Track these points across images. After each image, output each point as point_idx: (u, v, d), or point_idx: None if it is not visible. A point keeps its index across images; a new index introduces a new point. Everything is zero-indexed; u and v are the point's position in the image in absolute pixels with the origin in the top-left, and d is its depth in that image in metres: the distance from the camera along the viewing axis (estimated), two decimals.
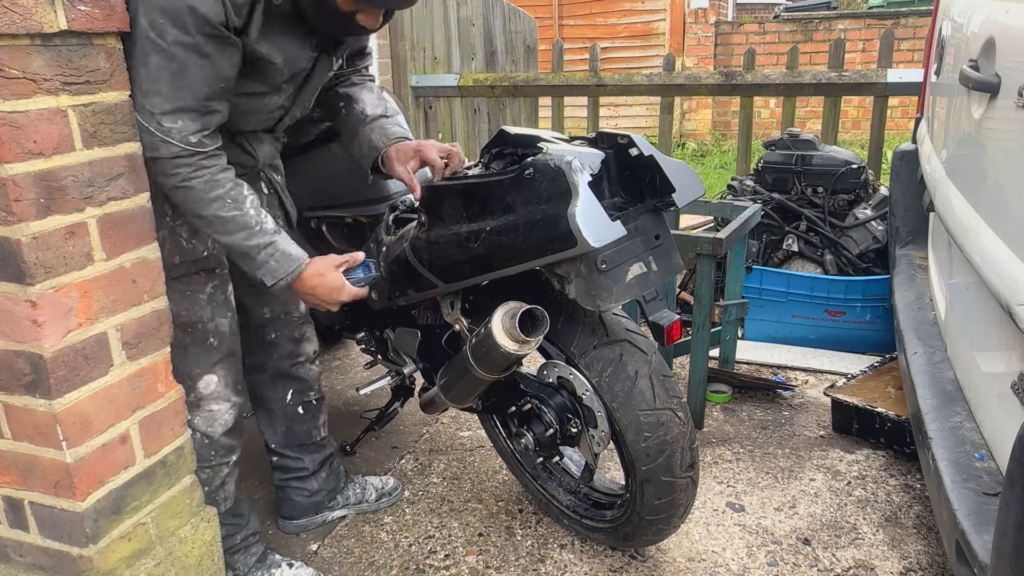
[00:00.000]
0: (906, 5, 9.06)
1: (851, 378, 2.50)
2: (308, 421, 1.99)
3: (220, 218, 1.45)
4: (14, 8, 1.14)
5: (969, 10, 1.95)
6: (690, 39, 9.02)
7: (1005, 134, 1.53)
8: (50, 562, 1.43)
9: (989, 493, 1.40)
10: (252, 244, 1.49)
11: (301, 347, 1.94)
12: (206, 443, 1.67)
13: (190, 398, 1.62)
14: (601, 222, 1.39)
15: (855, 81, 3.59)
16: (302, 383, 1.96)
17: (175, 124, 1.37)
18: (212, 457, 1.69)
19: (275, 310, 1.87)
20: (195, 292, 1.60)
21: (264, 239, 1.49)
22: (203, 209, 1.44)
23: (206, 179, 1.42)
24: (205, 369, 1.64)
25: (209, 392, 1.65)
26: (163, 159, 1.39)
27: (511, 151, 1.61)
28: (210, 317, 1.62)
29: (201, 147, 1.40)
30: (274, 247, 1.51)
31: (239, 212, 1.46)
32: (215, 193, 1.43)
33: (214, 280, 1.63)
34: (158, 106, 1.35)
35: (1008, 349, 1.45)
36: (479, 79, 4.25)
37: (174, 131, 1.37)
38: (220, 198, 1.44)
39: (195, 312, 1.60)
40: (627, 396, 1.59)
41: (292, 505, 2.03)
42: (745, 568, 1.85)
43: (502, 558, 1.91)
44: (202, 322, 1.61)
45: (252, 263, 1.51)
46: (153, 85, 1.34)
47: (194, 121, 1.38)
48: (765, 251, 3.28)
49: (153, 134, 1.37)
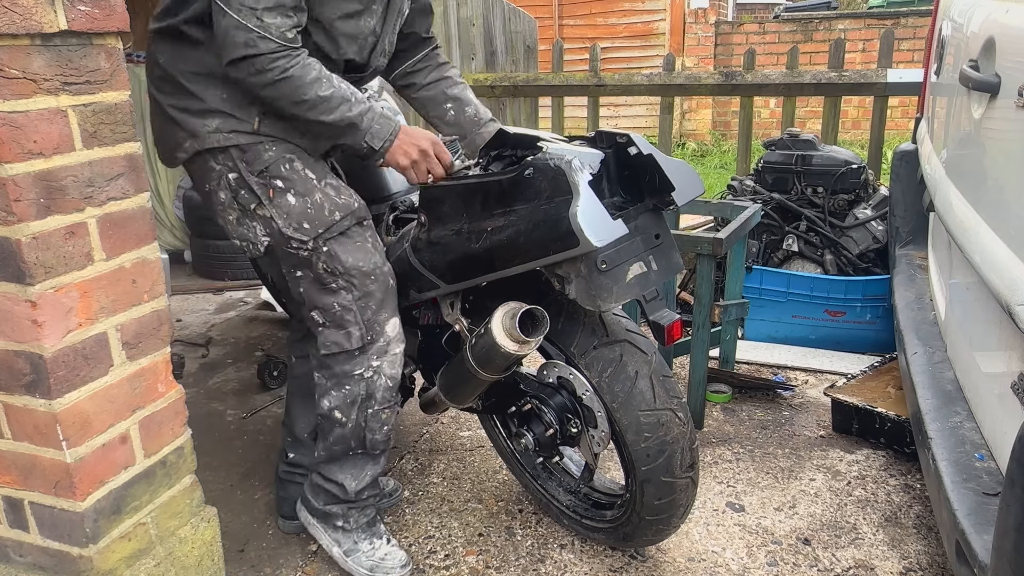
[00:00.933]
0: (906, 5, 9.06)
1: (851, 378, 2.50)
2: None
3: (322, 97, 1.51)
4: (14, 8, 1.14)
5: (969, 10, 1.95)
6: (690, 39, 9.02)
7: (1005, 134, 1.53)
8: (50, 562, 1.43)
9: (989, 493, 1.40)
10: (355, 113, 1.55)
11: None
12: (390, 385, 1.72)
13: (379, 344, 1.68)
14: (603, 221, 1.39)
15: (855, 81, 3.59)
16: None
17: (274, 20, 1.43)
18: (391, 398, 1.74)
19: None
20: (362, 242, 1.67)
21: (364, 106, 1.57)
22: (305, 93, 1.50)
23: (301, 65, 1.49)
24: (391, 312, 1.70)
25: (395, 334, 1.71)
26: (261, 55, 1.44)
27: (510, 152, 1.61)
28: (382, 261, 1.70)
29: (295, 42, 1.48)
30: (373, 111, 1.58)
31: (335, 88, 1.53)
32: (312, 75, 1.50)
33: (368, 230, 1.70)
34: (260, 3, 1.41)
35: (1008, 349, 1.45)
36: (479, 79, 4.25)
37: (273, 27, 1.43)
38: (317, 79, 1.51)
39: (371, 260, 1.67)
40: (627, 396, 1.59)
41: (292, 505, 2.02)
42: (745, 568, 1.85)
43: (502, 558, 1.91)
44: (379, 267, 1.68)
45: (359, 132, 1.57)
46: None
47: (288, 17, 1.45)
48: (765, 251, 3.28)
49: (252, 31, 1.42)
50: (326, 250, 1.62)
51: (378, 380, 1.70)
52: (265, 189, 1.59)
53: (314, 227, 1.60)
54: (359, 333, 1.67)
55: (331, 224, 1.61)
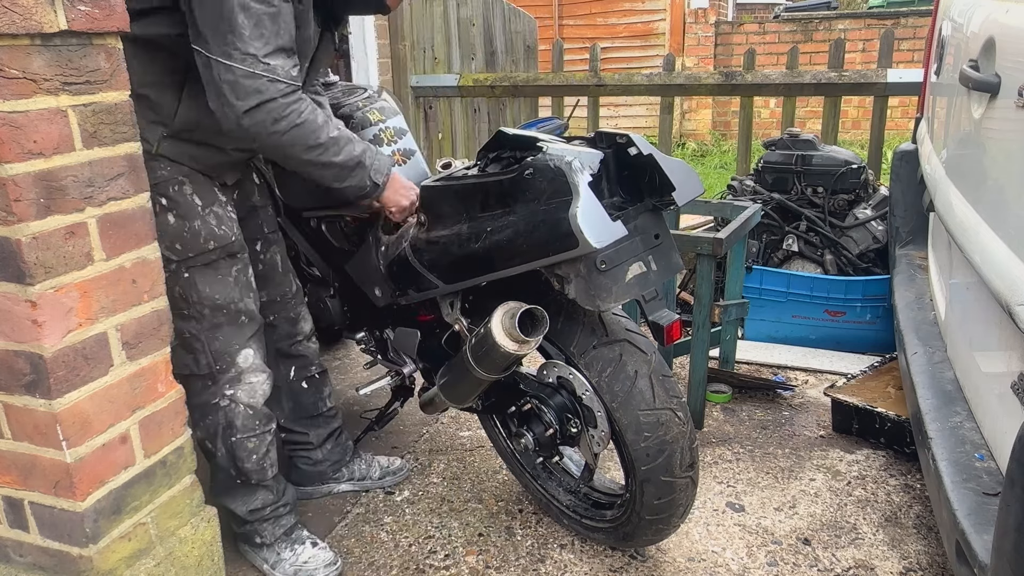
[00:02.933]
0: (906, 5, 9.05)
1: (851, 378, 2.50)
2: (313, 394, 2.09)
3: (333, 139, 1.57)
4: (14, 8, 1.14)
5: (969, 10, 1.95)
6: (690, 39, 9.02)
7: (1005, 134, 1.53)
8: (50, 562, 1.43)
9: (989, 493, 1.40)
10: (359, 150, 1.62)
11: (298, 327, 2.02)
12: (250, 414, 1.75)
13: (231, 374, 1.72)
14: (602, 222, 1.39)
15: (855, 81, 3.59)
16: (303, 360, 2.05)
17: (279, 61, 1.45)
18: (256, 426, 1.77)
19: (271, 293, 1.94)
20: (224, 275, 1.69)
21: (363, 144, 1.64)
22: (319, 136, 1.54)
23: (311, 109, 1.53)
24: (242, 344, 1.73)
25: (248, 365, 1.74)
26: (274, 100, 1.46)
27: (509, 153, 1.61)
28: (239, 297, 1.71)
29: (299, 81, 1.51)
30: (371, 147, 1.66)
31: (340, 130, 1.59)
32: (322, 118, 1.55)
33: (238, 264, 1.72)
34: (261, 49, 1.43)
35: (1008, 349, 1.45)
36: (479, 79, 4.25)
37: (279, 68, 1.45)
38: (327, 121, 1.56)
39: (226, 294, 1.69)
40: (627, 396, 1.59)
41: (299, 472, 2.15)
42: (745, 568, 1.85)
43: (502, 558, 1.91)
44: (233, 303, 1.70)
45: (364, 169, 1.64)
46: (254, 30, 1.42)
47: (288, 58, 1.48)
48: (765, 251, 3.28)
49: (260, 76, 1.43)
50: (186, 276, 1.64)
51: (236, 408, 1.73)
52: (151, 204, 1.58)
53: (184, 250, 1.62)
54: (206, 361, 1.69)
55: (201, 251, 1.63)
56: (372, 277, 1.95)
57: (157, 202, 1.58)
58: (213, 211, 1.65)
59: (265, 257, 1.91)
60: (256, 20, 1.41)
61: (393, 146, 2.13)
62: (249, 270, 1.76)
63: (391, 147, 2.12)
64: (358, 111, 2.10)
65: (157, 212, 1.57)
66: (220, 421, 1.73)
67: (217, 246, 1.65)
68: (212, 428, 1.74)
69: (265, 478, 1.81)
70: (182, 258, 1.62)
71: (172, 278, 1.62)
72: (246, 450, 1.75)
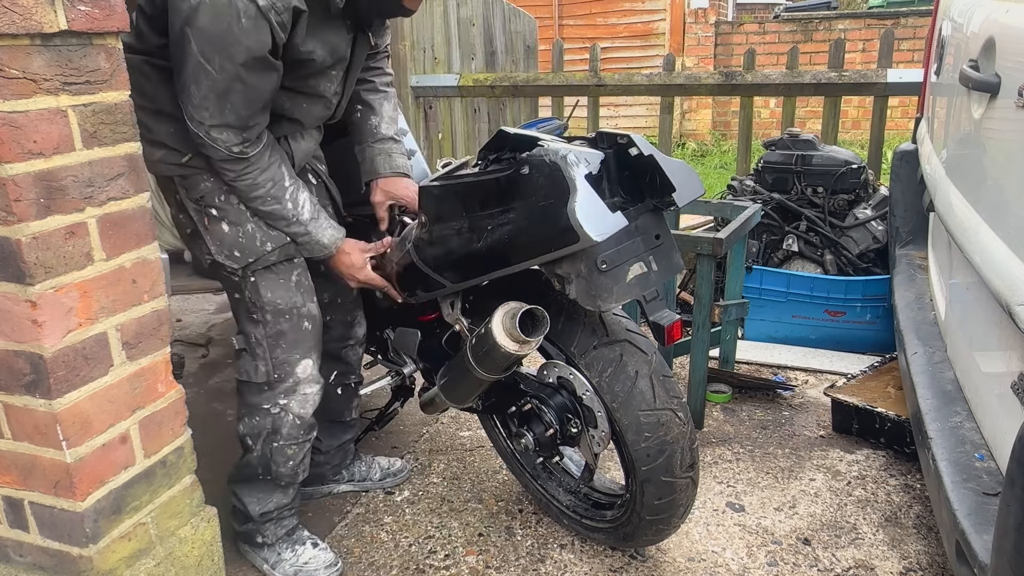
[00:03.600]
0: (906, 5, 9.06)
1: (851, 378, 2.50)
2: (343, 402, 2.11)
3: (264, 212, 1.63)
4: (14, 8, 1.14)
5: (969, 10, 1.95)
6: (690, 39, 9.02)
7: (1005, 134, 1.53)
8: (50, 562, 1.43)
9: (989, 493, 1.40)
10: (292, 231, 1.67)
11: (352, 330, 2.04)
12: (297, 423, 1.77)
13: (287, 383, 1.73)
14: (601, 215, 1.38)
15: (855, 81, 3.59)
16: (347, 366, 2.07)
17: (221, 135, 1.50)
18: (300, 435, 1.79)
19: (332, 294, 1.95)
20: (286, 280, 1.72)
21: (300, 228, 1.67)
22: (251, 202, 1.62)
23: (248, 183, 1.58)
24: (303, 354, 1.75)
25: (306, 376, 1.76)
26: (213, 160, 1.55)
27: (509, 154, 1.61)
28: (302, 302, 1.74)
29: (243, 155, 1.54)
30: (310, 236, 1.69)
31: (278, 206, 1.63)
32: (256, 193, 1.60)
33: (297, 268, 1.74)
34: (207, 119, 1.48)
35: (1008, 349, 1.45)
36: (479, 79, 4.25)
37: (220, 140, 1.50)
38: (261, 197, 1.61)
39: (289, 299, 1.71)
40: (627, 396, 1.59)
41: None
42: (745, 568, 1.85)
43: (502, 558, 1.91)
44: (296, 307, 1.72)
45: (298, 246, 1.70)
46: (203, 102, 1.46)
47: (236, 135, 1.51)
48: (765, 251, 3.28)
49: (203, 140, 1.50)
50: (252, 280, 1.68)
51: (285, 417, 1.75)
52: (200, 216, 1.65)
53: (244, 255, 1.65)
54: (265, 369, 1.71)
55: (261, 255, 1.66)
56: None
57: (207, 214, 1.64)
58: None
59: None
60: (204, 94, 1.44)
61: None
62: (308, 274, 1.78)
63: None
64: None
65: (209, 224, 1.65)
66: (267, 426, 1.75)
67: (275, 247, 1.67)
68: (257, 429, 1.76)
69: (295, 482, 1.84)
70: (244, 264, 1.65)
71: (240, 284, 1.69)
72: (284, 456, 1.78)
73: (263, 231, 1.66)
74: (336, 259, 1.76)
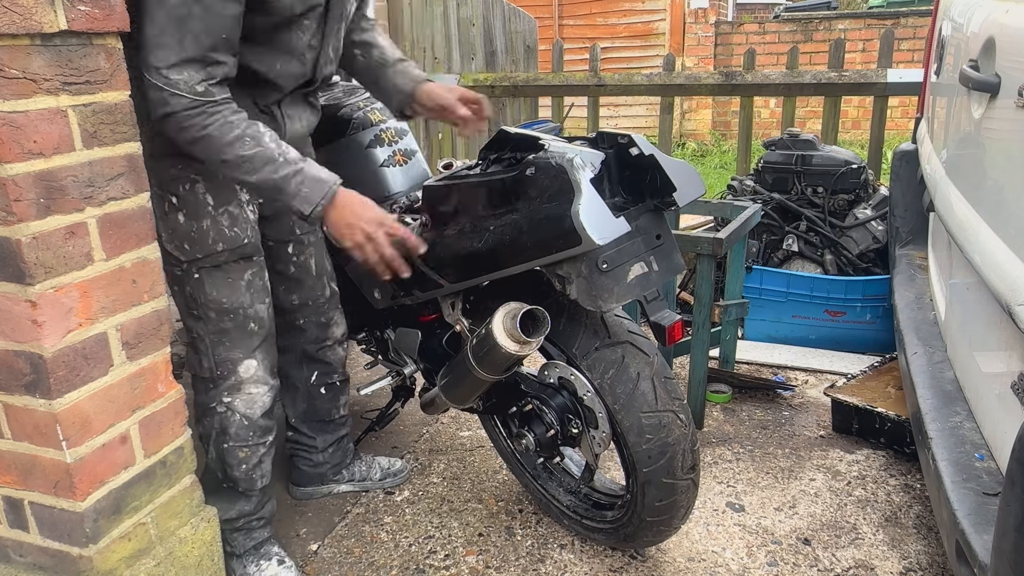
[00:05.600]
0: (906, 5, 9.06)
1: (851, 378, 2.50)
2: (329, 401, 2.09)
3: (243, 157, 1.45)
4: (14, 8, 1.14)
5: (969, 10, 1.95)
6: (690, 39, 9.03)
7: (1005, 134, 1.53)
8: (50, 562, 1.43)
9: (989, 493, 1.40)
10: (280, 175, 1.47)
11: (328, 331, 2.01)
12: (245, 424, 1.74)
13: (230, 381, 1.70)
14: (605, 219, 1.38)
15: (855, 81, 3.59)
16: (327, 366, 2.05)
17: (181, 76, 1.38)
18: (250, 437, 1.75)
19: (303, 296, 1.92)
20: (235, 279, 1.66)
21: (291, 168, 1.48)
22: (226, 153, 1.44)
23: (220, 123, 1.43)
24: (246, 354, 1.70)
25: (249, 376, 1.71)
26: (176, 113, 1.40)
27: (510, 154, 1.61)
28: (250, 303, 1.68)
29: (208, 95, 1.41)
30: (302, 174, 1.49)
31: (260, 148, 1.46)
32: (232, 135, 1.44)
33: (252, 267, 1.69)
34: (163, 59, 1.37)
35: (1008, 349, 1.45)
36: (479, 79, 4.25)
37: (181, 82, 1.38)
38: (239, 138, 1.44)
39: (235, 299, 1.66)
40: (629, 398, 1.59)
41: (299, 473, 2.16)
42: (745, 568, 1.85)
43: (502, 558, 1.91)
44: (242, 308, 1.67)
45: (286, 195, 1.49)
46: (159, 38, 1.36)
47: (198, 71, 1.40)
48: (765, 251, 3.28)
49: (162, 89, 1.38)
50: (196, 277, 1.63)
51: (231, 417, 1.72)
52: (161, 202, 1.58)
53: (192, 250, 1.60)
54: (208, 365, 1.69)
55: (209, 252, 1.60)
56: (372, 279, 1.95)
57: (167, 200, 1.58)
58: (228, 211, 1.62)
59: (298, 259, 1.88)
60: (160, 28, 1.35)
61: (394, 146, 2.13)
62: (265, 274, 1.72)
63: (392, 147, 2.13)
64: (359, 111, 2.10)
65: (167, 211, 1.58)
66: (215, 425, 1.73)
67: (226, 248, 1.62)
68: (207, 430, 1.75)
69: (252, 488, 1.79)
70: (190, 259, 1.61)
71: (183, 278, 1.63)
72: (236, 458, 1.75)
73: (218, 230, 1.60)
74: (344, 200, 1.54)
